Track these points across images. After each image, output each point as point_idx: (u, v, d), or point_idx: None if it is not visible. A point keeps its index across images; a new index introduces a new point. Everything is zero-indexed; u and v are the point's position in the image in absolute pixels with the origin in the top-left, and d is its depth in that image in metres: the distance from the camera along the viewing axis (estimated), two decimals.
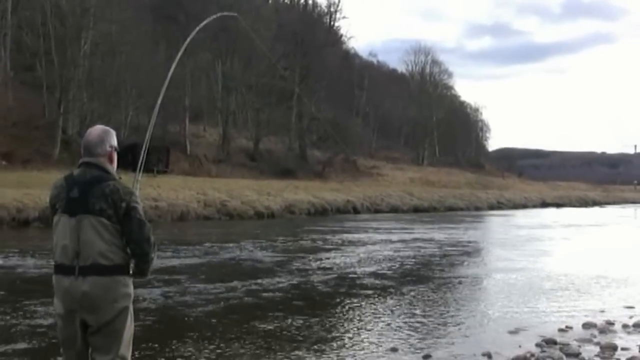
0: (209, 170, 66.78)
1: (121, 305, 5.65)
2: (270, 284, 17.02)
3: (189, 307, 13.87)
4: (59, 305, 5.68)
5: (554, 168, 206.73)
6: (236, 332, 11.77)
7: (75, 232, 5.59)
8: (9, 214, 32.61)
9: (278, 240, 29.86)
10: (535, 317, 13.54)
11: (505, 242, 32.28)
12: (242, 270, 19.85)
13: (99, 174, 5.72)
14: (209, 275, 18.53)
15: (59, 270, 5.66)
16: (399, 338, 11.32)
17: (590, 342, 11.25)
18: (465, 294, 16.37)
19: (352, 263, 22.07)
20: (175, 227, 35.20)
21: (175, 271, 18.98)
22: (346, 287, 16.78)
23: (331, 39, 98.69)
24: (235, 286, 16.56)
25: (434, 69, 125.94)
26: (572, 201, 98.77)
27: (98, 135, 5.86)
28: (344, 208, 55.80)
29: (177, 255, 22.96)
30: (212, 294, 15.45)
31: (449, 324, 12.56)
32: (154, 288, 15.31)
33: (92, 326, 5.62)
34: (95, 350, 5.69)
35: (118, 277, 5.63)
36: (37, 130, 54.90)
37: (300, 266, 20.92)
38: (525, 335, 11.67)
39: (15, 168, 47.59)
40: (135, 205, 5.69)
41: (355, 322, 12.89)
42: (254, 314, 13.47)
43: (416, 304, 14.59)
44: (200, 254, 23.83)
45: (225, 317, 13.21)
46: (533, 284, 18.17)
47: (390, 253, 25.30)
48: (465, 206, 72.93)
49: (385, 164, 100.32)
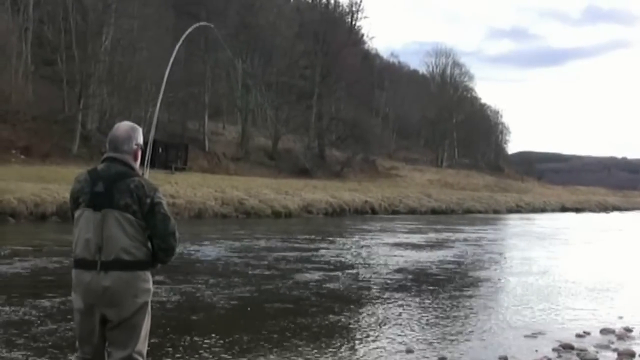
0: (228, 168, 67.15)
1: (141, 300, 5.68)
2: (286, 282, 17.06)
3: (204, 302, 13.85)
4: (78, 300, 5.67)
5: (574, 172, 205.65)
6: (250, 327, 11.79)
7: (99, 226, 5.59)
8: (27, 208, 32.66)
9: (297, 239, 29.83)
10: (552, 321, 13.38)
11: (523, 246, 31.99)
12: (257, 267, 19.69)
13: (124, 169, 5.73)
14: (225, 272, 18.55)
15: (79, 264, 5.66)
16: (415, 339, 11.23)
17: (608, 349, 11.09)
18: (482, 297, 16.28)
19: (369, 263, 22.06)
20: (193, 224, 35.05)
21: (193, 267, 19.03)
22: (362, 287, 16.75)
23: (352, 39, 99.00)
24: (251, 282, 16.60)
25: (455, 70, 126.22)
26: (591, 206, 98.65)
27: (125, 131, 5.87)
28: (362, 208, 55.71)
29: (196, 251, 23.06)
30: (227, 289, 15.43)
31: (465, 327, 12.46)
32: (171, 283, 15.36)
33: (111, 321, 5.63)
34: (113, 345, 5.71)
35: (139, 272, 5.65)
36: (57, 124, 55.28)
37: (317, 265, 20.88)
38: (542, 340, 11.54)
39: (34, 162, 47.76)
40: (160, 200, 5.70)
41: (370, 322, 12.77)
42: (268, 310, 13.49)
43: (432, 306, 14.48)
44: (219, 250, 23.88)
45: (240, 312, 13.26)
46: (551, 288, 18.01)
47: (407, 254, 25.20)
48: (484, 209, 72.92)
49: (404, 165, 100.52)
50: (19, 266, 17.40)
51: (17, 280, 15.57)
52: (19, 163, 46.87)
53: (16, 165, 45.67)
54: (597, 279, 20.07)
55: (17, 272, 16.65)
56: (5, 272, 16.45)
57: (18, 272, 16.67)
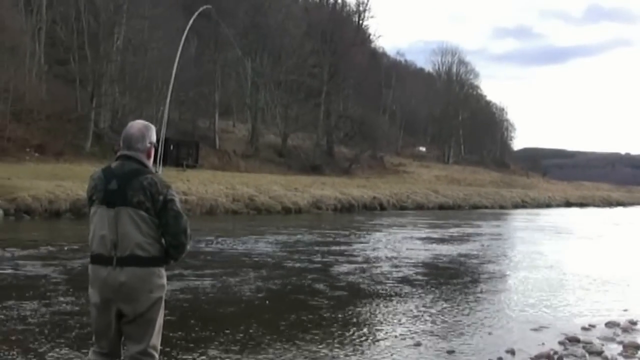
0: (238, 165, 67.27)
1: (156, 295, 5.74)
2: (296, 276, 17.20)
3: (214, 296, 14.01)
4: (95, 295, 5.75)
5: (578, 168, 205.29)
6: (262, 322, 11.79)
7: (113, 223, 5.65)
8: (42, 205, 32.77)
9: (307, 234, 29.97)
10: (558, 315, 13.47)
11: (529, 240, 32.06)
12: (266, 263, 19.82)
13: (137, 167, 5.79)
14: (238, 266, 18.57)
15: (96, 260, 5.74)
16: (423, 333, 11.28)
17: (613, 341, 11.18)
18: (489, 291, 16.28)
19: (378, 257, 22.10)
20: (205, 221, 34.87)
21: (206, 261, 19.21)
22: (371, 282, 16.68)
23: (359, 38, 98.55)
24: (261, 277, 16.73)
25: (461, 68, 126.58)
26: (595, 201, 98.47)
27: (139, 130, 5.93)
28: (370, 204, 55.54)
29: (208, 246, 23.26)
30: (239, 284, 15.58)
31: (472, 321, 12.46)
32: (184, 278, 15.47)
33: (127, 316, 5.70)
34: (128, 339, 5.80)
35: (153, 268, 5.72)
36: (70, 123, 55.57)
37: (327, 260, 21.01)
38: (549, 333, 11.59)
39: (47, 160, 48.17)
40: (172, 197, 5.76)
41: (379, 316, 12.90)
42: (279, 305, 13.64)
43: (440, 300, 14.50)
44: (233, 246, 24.07)
45: (251, 307, 13.25)
46: (556, 281, 18.17)
47: (415, 249, 25.25)
48: (490, 204, 72.73)
49: (411, 161, 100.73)
50: (34, 263, 17.28)
51: (33, 277, 15.43)
52: (33, 161, 47.23)
53: (30, 163, 46.01)
54: (601, 273, 20.15)
55: (32, 268, 16.58)
56: (20, 269, 16.40)
57: (34, 268, 16.61)
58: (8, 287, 14.11)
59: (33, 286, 14.22)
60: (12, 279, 15.16)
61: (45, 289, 13.96)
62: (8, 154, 46.78)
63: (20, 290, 13.75)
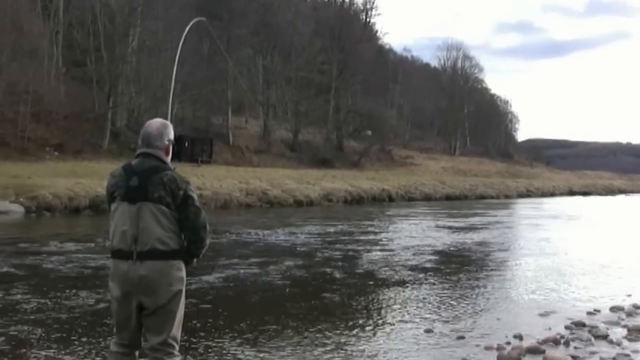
0: (251, 160, 67.74)
1: (176, 288, 5.82)
2: (308, 266, 17.57)
3: (227, 287, 14.29)
4: (115, 289, 5.85)
5: (581, 158, 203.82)
6: (273, 310, 12.10)
7: (135, 219, 5.75)
8: (62, 203, 33.30)
9: (320, 225, 30.51)
10: (564, 300, 13.70)
11: (535, 228, 32.46)
12: (280, 252, 20.29)
13: (157, 164, 5.90)
14: (254, 257, 18.94)
15: (117, 255, 5.83)
16: (434, 319, 11.48)
17: (618, 325, 11.31)
18: (496, 278, 16.58)
19: (388, 247, 22.59)
20: (220, 215, 35.09)
21: (225, 253, 19.58)
22: (382, 271, 16.91)
23: (367, 35, 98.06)
24: (275, 267, 17.12)
25: (465, 63, 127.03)
26: (598, 189, 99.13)
27: (157, 128, 6.04)
28: (380, 196, 56.03)
29: (225, 239, 23.91)
30: (254, 274, 15.92)
31: (481, 307, 12.71)
32: (206, 270, 15.61)
33: (148, 308, 5.79)
34: (149, 331, 5.88)
35: (173, 261, 5.81)
36: (88, 122, 56.28)
37: (339, 249, 21.42)
38: (555, 318, 11.76)
39: (67, 158, 48.75)
40: (192, 193, 5.88)
41: (390, 304, 13.06)
42: (291, 293, 13.97)
43: (449, 287, 14.76)
44: (248, 238, 24.59)
45: (263, 296, 13.56)
46: (562, 267, 18.37)
47: (424, 238, 25.69)
48: (496, 194, 73.21)
49: (418, 154, 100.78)
50: (57, 258, 17.46)
51: (55, 271, 15.66)
52: (53, 160, 47.90)
53: (50, 162, 46.71)
54: (606, 258, 20.43)
55: (55, 262, 16.82)
56: (45, 263, 16.70)
57: (57, 262, 16.84)
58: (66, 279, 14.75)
59: (55, 275, 15.01)
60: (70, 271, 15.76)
61: (65, 280, 14.49)
62: (28, 153, 47.47)
63: (82, 281, 14.37)
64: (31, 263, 16.80)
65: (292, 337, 10.16)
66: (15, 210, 31.44)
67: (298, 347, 9.62)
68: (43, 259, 17.45)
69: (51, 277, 14.90)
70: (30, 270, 15.76)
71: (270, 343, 9.76)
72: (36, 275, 15.09)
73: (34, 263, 16.82)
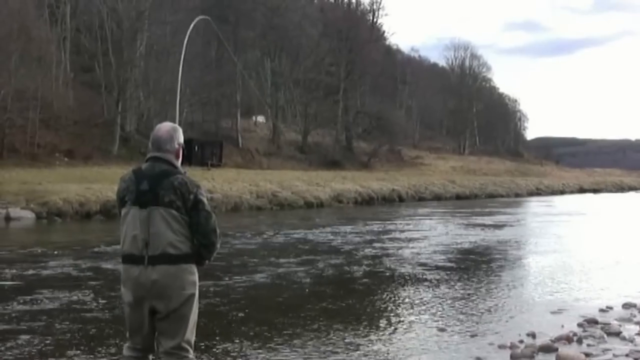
0: (261, 163, 67.76)
1: (189, 292, 5.80)
2: (323, 266, 17.64)
3: (245, 288, 14.32)
4: (128, 294, 5.84)
5: (590, 155, 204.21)
6: (290, 310, 12.26)
7: (145, 223, 5.73)
8: (73, 208, 33.08)
9: (331, 227, 30.26)
10: (576, 297, 13.76)
11: (546, 226, 32.58)
12: (297, 253, 20.36)
13: (167, 168, 5.88)
14: (270, 257, 19.15)
15: (128, 259, 5.83)
16: (447, 319, 11.56)
17: (631, 322, 11.34)
18: (509, 277, 16.56)
19: (401, 247, 22.59)
20: (231, 217, 35.03)
21: (239, 255, 19.66)
22: (396, 271, 16.96)
23: (374, 36, 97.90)
24: (292, 267, 17.27)
25: (473, 62, 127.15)
26: (608, 187, 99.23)
27: (167, 132, 6.03)
28: (390, 197, 55.80)
29: (236, 241, 23.81)
30: (271, 275, 15.99)
31: (494, 306, 12.79)
32: (223, 272, 15.66)
33: (160, 312, 5.77)
34: (162, 335, 5.86)
35: (185, 265, 5.79)
36: (97, 128, 56.19)
37: (353, 249, 21.54)
38: (568, 316, 11.79)
39: (77, 164, 48.64)
40: (202, 197, 5.85)
41: (404, 303, 13.18)
42: (308, 293, 14.10)
43: (462, 287, 14.80)
44: (257, 239, 24.74)
45: (279, 296, 13.70)
46: (574, 265, 18.46)
47: (436, 238, 25.78)
48: (506, 193, 72.97)
49: (428, 153, 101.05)
50: (68, 262, 17.36)
51: (64, 275, 15.56)
52: (63, 165, 47.86)
53: (60, 167, 46.64)
54: (617, 255, 20.55)
55: (67, 267, 16.71)
56: (56, 267, 16.58)
57: (68, 267, 16.73)
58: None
59: (63, 280, 14.89)
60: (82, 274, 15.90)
61: (74, 284, 14.39)
62: (38, 159, 47.43)
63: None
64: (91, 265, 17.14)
65: (308, 338, 10.21)
66: (27, 217, 31.20)
67: (313, 348, 9.69)
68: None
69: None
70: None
71: (285, 345, 9.79)
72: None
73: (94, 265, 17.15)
